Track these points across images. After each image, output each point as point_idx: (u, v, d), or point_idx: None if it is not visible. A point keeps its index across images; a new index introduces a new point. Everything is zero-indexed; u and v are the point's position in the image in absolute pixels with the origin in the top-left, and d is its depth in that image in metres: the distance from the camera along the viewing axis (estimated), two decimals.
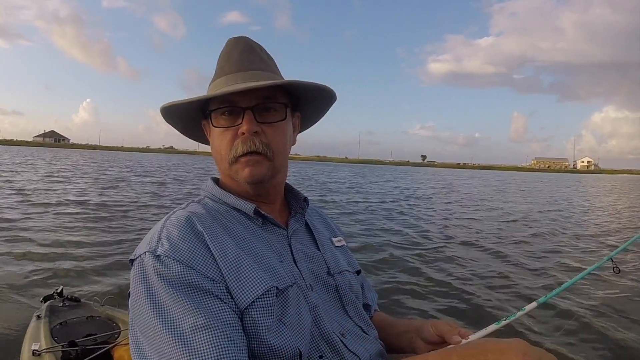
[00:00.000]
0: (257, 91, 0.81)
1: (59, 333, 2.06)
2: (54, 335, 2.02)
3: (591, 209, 15.38)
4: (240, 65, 0.85)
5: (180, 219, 0.76)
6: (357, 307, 0.92)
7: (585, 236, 8.88)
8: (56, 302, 2.34)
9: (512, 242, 7.75)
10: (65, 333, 2.06)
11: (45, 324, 2.11)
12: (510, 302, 4.36)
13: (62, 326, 2.13)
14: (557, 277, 5.40)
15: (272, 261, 0.79)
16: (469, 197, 18.24)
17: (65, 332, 2.07)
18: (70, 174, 19.89)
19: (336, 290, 0.89)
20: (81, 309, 2.32)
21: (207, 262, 0.71)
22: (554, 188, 30.58)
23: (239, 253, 0.74)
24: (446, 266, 5.72)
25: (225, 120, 0.83)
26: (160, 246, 0.71)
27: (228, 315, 0.67)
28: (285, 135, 0.86)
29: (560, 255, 6.75)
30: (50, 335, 2.01)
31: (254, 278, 0.72)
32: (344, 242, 1.06)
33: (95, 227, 7.28)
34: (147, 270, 0.69)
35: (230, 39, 0.89)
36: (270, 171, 0.84)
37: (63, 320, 2.17)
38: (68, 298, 2.39)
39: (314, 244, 0.94)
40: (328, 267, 0.91)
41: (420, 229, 8.79)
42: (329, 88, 0.89)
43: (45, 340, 1.96)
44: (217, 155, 0.86)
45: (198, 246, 0.72)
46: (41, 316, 2.17)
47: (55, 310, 2.27)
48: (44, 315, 2.17)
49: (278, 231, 0.87)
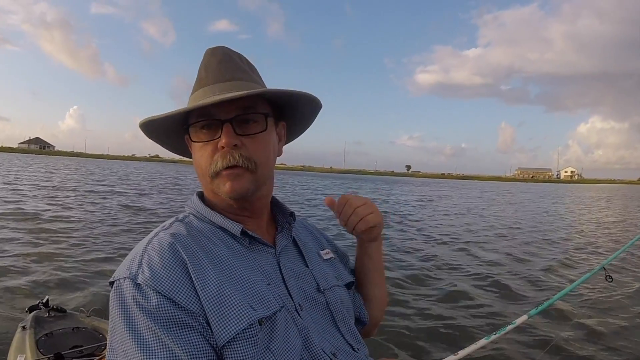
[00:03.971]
0: (236, 102, 0.77)
1: (45, 345, 2.03)
2: (39, 347, 1.98)
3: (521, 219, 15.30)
4: (219, 76, 0.82)
5: (163, 244, 0.73)
6: (348, 322, 0.89)
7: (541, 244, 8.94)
8: (42, 313, 2.30)
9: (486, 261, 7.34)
10: (51, 344, 2.03)
11: (31, 335, 2.07)
12: (500, 316, 4.33)
13: (48, 337, 2.09)
14: (547, 289, 5.41)
15: (257, 286, 0.76)
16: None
17: (51, 344, 2.04)
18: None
19: (327, 307, 0.86)
20: (67, 320, 2.28)
21: (188, 294, 0.68)
22: (517, 199, 30.55)
23: (222, 283, 0.71)
24: (428, 280, 5.67)
25: (204, 134, 0.80)
26: (140, 273, 0.69)
27: (206, 350, 0.66)
28: (268, 146, 0.83)
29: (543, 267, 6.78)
30: (36, 347, 1.97)
31: (236, 311, 0.69)
32: (331, 254, 1.02)
33: (81, 237, 7.22)
34: (126, 298, 0.68)
35: (208, 49, 0.86)
36: (253, 184, 0.80)
37: (49, 332, 2.13)
38: (54, 308, 2.34)
39: (302, 260, 0.91)
40: (317, 283, 0.88)
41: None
42: (309, 95, 0.87)
43: (31, 352, 1.92)
44: (199, 169, 0.83)
45: (180, 276, 0.70)
46: (26, 327, 2.13)
47: (41, 321, 2.23)
48: (30, 326, 2.13)
49: (266, 250, 0.84)
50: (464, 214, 16.08)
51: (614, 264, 5.87)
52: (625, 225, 14.27)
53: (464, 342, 3.47)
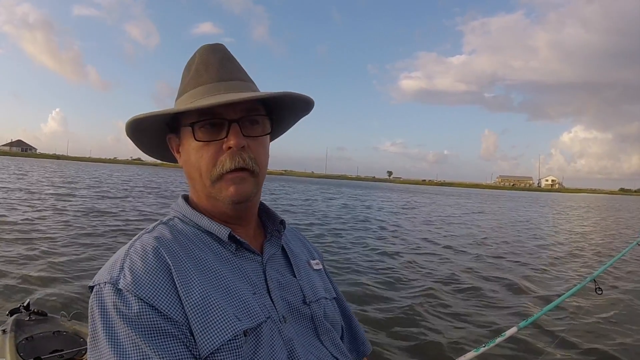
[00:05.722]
0: (242, 103, 0.75)
1: (25, 349, 1.99)
2: (19, 351, 1.95)
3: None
4: (222, 74, 0.79)
5: (146, 247, 0.71)
6: (332, 336, 0.86)
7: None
8: (22, 316, 2.26)
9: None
10: (31, 348, 1.99)
11: (11, 339, 2.03)
12: (488, 328, 4.29)
13: (28, 341, 2.06)
14: (537, 299, 5.41)
15: (243, 294, 0.73)
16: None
17: (31, 348, 2.00)
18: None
19: (311, 320, 0.83)
20: (48, 324, 2.24)
21: (171, 301, 0.66)
22: (487, 206, 30.78)
23: (207, 290, 0.69)
24: (412, 291, 5.61)
25: (205, 134, 0.75)
26: (122, 278, 0.66)
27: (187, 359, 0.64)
28: (266, 149, 0.82)
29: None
30: (16, 351, 1.94)
31: (222, 321, 0.67)
32: (321, 265, 0.99)
33: (64, 238, 7.13)
34: (106, 304, 0.65)
35: (205, 46, 0.82)
36: (255, 188, 0.78)
37: (29, 335, 2.10)
38: (35, 312, 2.30)
39: (289, 270, 0.88)
40: (304, 295, 0.85)
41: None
42: (310, 99, 0.85)
43: (11, 356, 1.89)
44: (195, 172, 0.78)
45: (163, 281, 0.67)
46: (7, 330, 2.09)
47: (22, 324, 2.19)
48: (10, 329, 2.10)
49: (252, 257, 0.81)
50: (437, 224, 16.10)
51: (604, 276, 5.90)
52: (613, 236, 14.38)
53: (452, 354, 3.46)
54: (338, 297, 0.99)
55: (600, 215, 27.53)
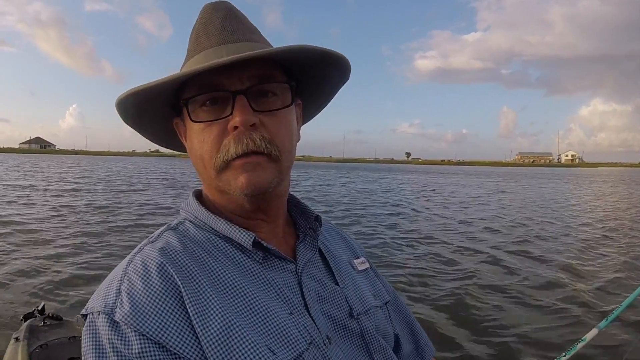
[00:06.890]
0: (251, 69, 0.59)
1: (39, 357, 1.88)
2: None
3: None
4: (224, 36, 0.63)
5: (148, 264, 0.56)
6: (386, 352, 0.71)
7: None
8: (37, 322, 2.17)
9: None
10: (45, 357, 1.88)
11: (24, 347, 1.93)
12: (564, 333, 3.79)
13: (43, 349, 1.95)
14: (606, 297, 4.77)
15: (277, 317, 0.58)
16: None
17: (45, 356, 1.89)
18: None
19: (361, 336, 0.68)
20: (63, 329, 2.13)
21: (183, 335, 0.51)
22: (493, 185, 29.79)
23: (229, 316, 0.54)
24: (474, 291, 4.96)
25: (206, 113, 0.60)
26: (119, 306, 0.52)
27: None
28: (290, 127, 0.64)
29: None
30: None
31: (251, 356, 0.52)
32: (367, 264, 0.83)
33: (78, 237, 7.09)
34: (101, 339, 0.51)
35: (208, 4, 0.66)
36: (276, 176, 0.62)
37: (44, 343, 1.99)
38: (50, 316, 2.20)
39: (330, 277, 0.72)
40: (350, 306, 0.70)
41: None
42: (346, 60, 0.65)
43: None
44: (198, 161, 0.63)
45: (171, 309, 0.52)
46: (20, 338, 2.00)
47: (35, 330, 2.09)
48: (23, 337, 2.01)
49: (284, 266, 0.65)
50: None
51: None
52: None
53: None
54: (393, 300, 0.83)
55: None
